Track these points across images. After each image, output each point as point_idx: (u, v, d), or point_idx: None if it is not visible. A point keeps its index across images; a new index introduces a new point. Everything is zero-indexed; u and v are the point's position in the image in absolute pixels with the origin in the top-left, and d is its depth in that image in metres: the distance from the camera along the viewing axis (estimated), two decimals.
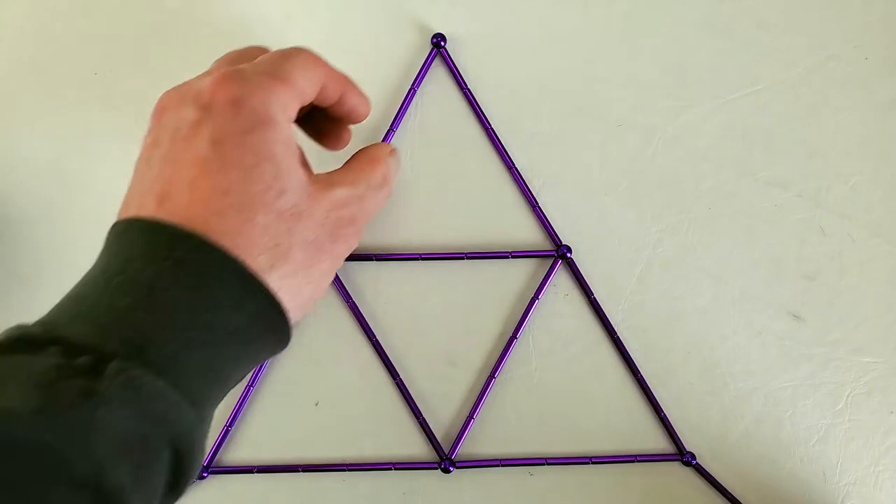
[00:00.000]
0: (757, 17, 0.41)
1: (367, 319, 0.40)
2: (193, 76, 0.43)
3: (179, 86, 0.30)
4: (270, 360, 0.40)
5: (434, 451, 0.40)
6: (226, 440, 0.40)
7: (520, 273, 0.41)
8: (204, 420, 0.26)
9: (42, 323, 0.25)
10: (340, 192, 0.30)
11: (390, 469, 0.39)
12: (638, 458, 0.39)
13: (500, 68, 0.42)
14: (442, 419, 0.40)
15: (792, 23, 0.41)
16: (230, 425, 0.39)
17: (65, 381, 0.22)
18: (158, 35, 0.42)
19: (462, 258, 0.40)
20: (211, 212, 0.26)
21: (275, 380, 0.40)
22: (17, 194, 0.42)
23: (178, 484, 0.26)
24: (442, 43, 0.40)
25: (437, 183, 0.41)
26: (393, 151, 0.35)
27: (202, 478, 0.39)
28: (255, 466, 0.39)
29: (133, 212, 0.28)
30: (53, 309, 0.26)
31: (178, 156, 0.27)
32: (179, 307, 0.25)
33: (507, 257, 0.40)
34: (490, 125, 0.41)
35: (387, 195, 0.34)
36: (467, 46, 0.42)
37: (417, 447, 0.40)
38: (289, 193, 0.28)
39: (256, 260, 0.27)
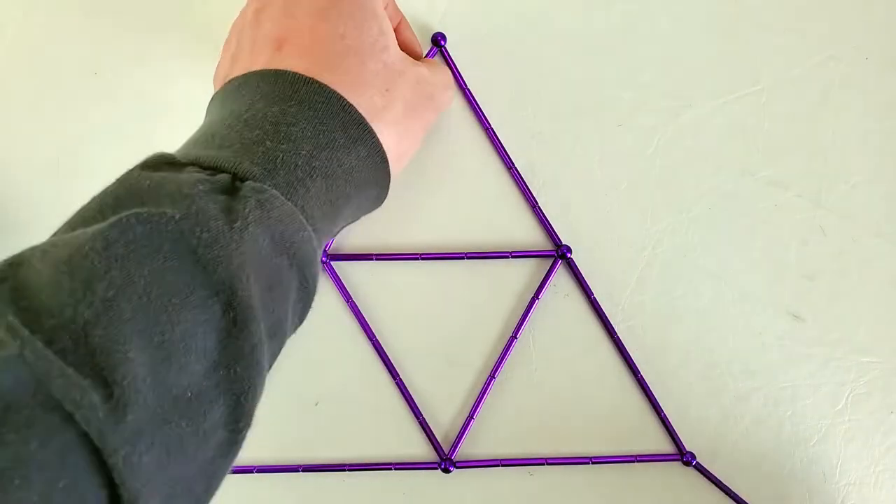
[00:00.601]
0: (757, 17, 0.41)
1: (367, 319, 0.40)
2: (193, 76, 0.43)
3: None
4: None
5: (434, 452, 0.40)
6: None
7: (520, 273, 0.41)
8: (318, 252, 0.28)
9: (177, 151, 0.27)
10: (424, 70, 0.33)
11: (390, 469, 0.39)
12: (638, 459, 0.39)
13: (500, 68, 0.42)
14: (442, 419, 0.40)
15: (792, 23, 0.41)
16: None
17: (208, 195, 0.24)
18: (158, 35, 0.42)
19: (462, 258, 0.40)
20: (331, 53, 0.29)
21: (275, 380, 0.40)
22: (16, 194, 0.42)
23: (301, 313, 0.28)
24: (442, 42, 0.40)
25: (436, 183, 0.41)
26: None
27: None
28: (254, 467, 0.39)
29: (243, 69, 0.30)
30: (181, 148, 0.28)
31: (294, 8, 0.30)
32: (304, 140, 0.27)
33: (506, 257, 0.40)
34: (490, 125, 0.41)
35: (450, 99, 0.37)
36: (467, 46, 0.42)
37: (417, 447, 0.40)
38: (391, 50, 0.31)
39: (372, 100, 0.29)
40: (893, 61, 0.41)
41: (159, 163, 0.26)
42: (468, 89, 0.41)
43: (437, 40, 0.40)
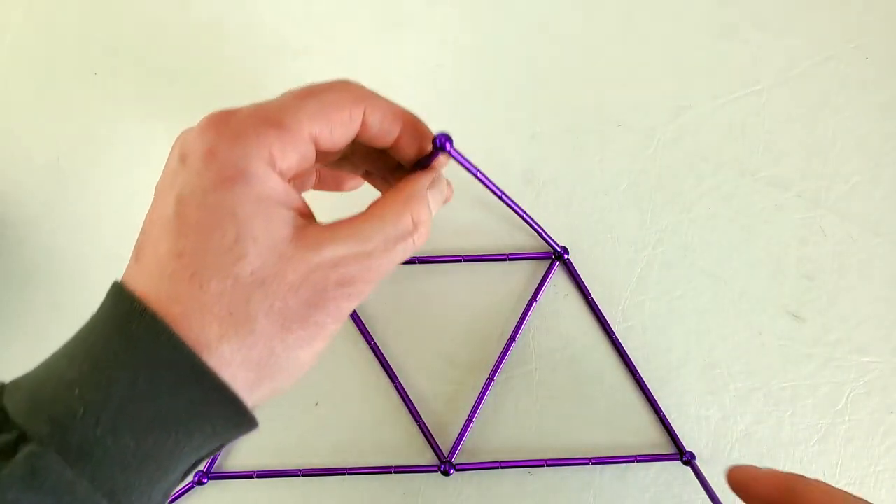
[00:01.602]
0: (757, 18, 0.41)
1: (366, 323, 0.40)
2: (193, 77, 0.43)
3: (200, 121, 0.28)
4: None
5: (434, 454, 0.40)
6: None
7: (518, 275, 0.41)
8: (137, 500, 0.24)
9: (11, 385, 0.25)
10: (333, 251, 0.26)
11: (390, 473, 0.39)
12: (638, 459, 0.39)
13: (500, 68, 0.42)
14: (441, 421, 0.40)
15: (792, 23, 0.41)
16: None
17: None
18: (158, 35, 0.42)
19: (459, 261, 0.40)
20: (165, 276, 0.25)
21: None
22: (17, 194, 0.42)
23: None
24: (448, 146, 0.29)
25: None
26: (436, 181, 0.30)
27: (202, 483, 0.39)
28: (254, 472, 0.39)
29: (127, 265, 0.27)
30: (42, 363, 0.26)
31: (153, 210, 0.27)
32: (118, 388, 0.24)
33: (504, 260, 0.40)
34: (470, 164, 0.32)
35: (411, 247, 0.29)
36: (467, 47, 0.42)
37: (417, 450, 0.40)
38: (250, 257, 0.25)
39: (205, 330, 0.25)
40: (893, 61, 0.41)
41: None
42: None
43: (441, 144, 0.29)
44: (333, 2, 0.42)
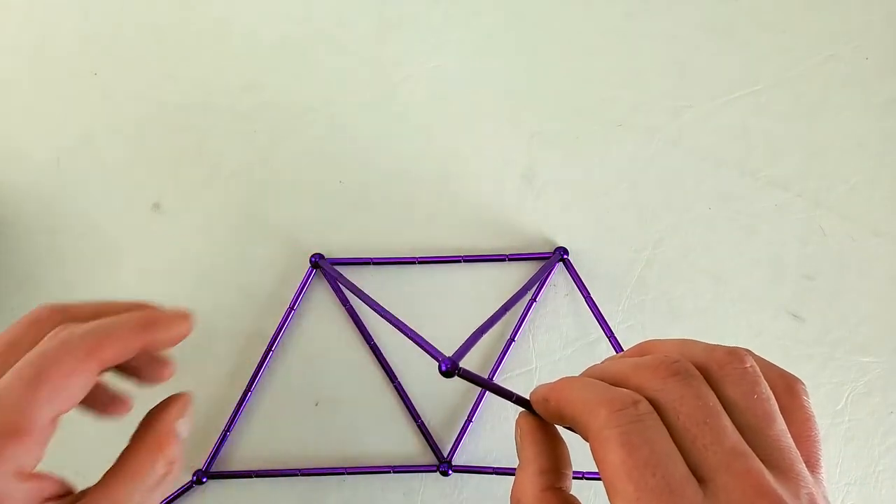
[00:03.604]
0: (757, 17, 0.41)
1: (365, 324, 0.40)
2: (193, 77, 0.43)
3: None
4: (269, 366, 0.40)
5: (433, 454, 0.40)
6: (224, 444, 0.39)
7: (518, 275, 0.41)
8: None
9: None
10: None
11: (390, 473, 0.39)
12: None
13: (500, 68, 0.42)
14: (440, 422, 0.40)
15: (792, 23, 0.41)
16: (228, 430, 0.39)
17: None
18: (158, 35, 0.42)
19: (459, 261, 0.40)
20: None
21: (273, 386, 0.40)
22: (16, 194, 0.42)
23: None
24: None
25: (433, 187, 0.41)
26: (183, 405, 0.28)
27: (201, 483, 0.39)
28: (253, 471, 0.39)
29: None
30: None
31: None
32: None
33: (504, 260, 0.40)
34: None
35: (168, 485, 0.27)
36: (467, 47, 0.42)
37: (416, 450, 0.40)
38: None
39: None
40: (893, 61, 0.41)
41: None
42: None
43: (447, 369, 0.27)
44: (334, 2, 0.42)
